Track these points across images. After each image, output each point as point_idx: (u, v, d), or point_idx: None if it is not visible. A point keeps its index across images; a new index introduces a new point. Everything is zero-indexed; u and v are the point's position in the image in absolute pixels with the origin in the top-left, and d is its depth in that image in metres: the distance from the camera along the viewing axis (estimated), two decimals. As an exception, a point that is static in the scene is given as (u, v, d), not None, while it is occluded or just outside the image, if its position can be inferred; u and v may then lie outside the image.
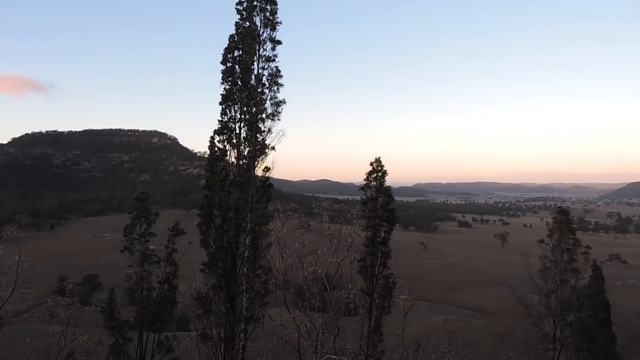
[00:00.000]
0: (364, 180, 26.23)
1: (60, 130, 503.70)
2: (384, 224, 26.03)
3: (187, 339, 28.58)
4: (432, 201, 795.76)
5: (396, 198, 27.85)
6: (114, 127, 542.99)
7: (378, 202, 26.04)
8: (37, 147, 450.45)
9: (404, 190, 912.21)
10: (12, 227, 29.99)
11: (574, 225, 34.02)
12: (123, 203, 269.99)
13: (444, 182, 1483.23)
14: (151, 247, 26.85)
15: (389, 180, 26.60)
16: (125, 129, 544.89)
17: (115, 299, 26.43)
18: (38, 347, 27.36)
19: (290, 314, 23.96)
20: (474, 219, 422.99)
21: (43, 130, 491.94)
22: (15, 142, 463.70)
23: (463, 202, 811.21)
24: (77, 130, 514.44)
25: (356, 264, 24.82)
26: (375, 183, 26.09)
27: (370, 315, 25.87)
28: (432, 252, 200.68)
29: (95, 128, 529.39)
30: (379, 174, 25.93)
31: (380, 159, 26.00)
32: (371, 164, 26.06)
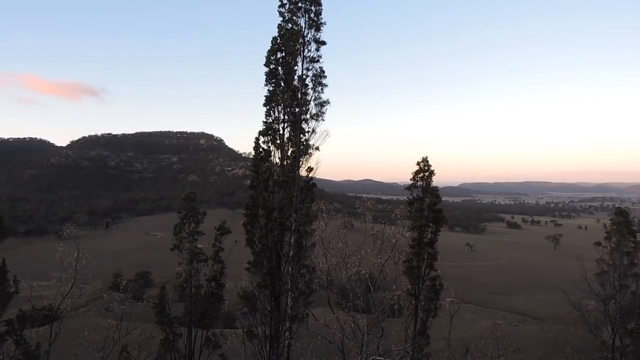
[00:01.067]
0: (410, 180, 25.82)
1: (114, 133, 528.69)
2: (431, 224, 25.53)
3: (234, 335, 29.17)
4: (479, 201, 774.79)
5: (442, 198, 27.23)
6: (163, 130, 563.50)
7: (424, 203, 25.57)
8: (93, 149, 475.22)
9: (450, 190, 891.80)
10: (72, 225, 31.76)
11: (634, 227, 32.01)
12: (172, 203, 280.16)
13: (491, 181, 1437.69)
14: (199, 245, 27.57)
15: (435, 180, 26.08)
16: (174, 131, 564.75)
17: (166, 296, 27.32)
18: (94, 340, 28.72)
19: (334, 314, 23.94)
20: (523, 220, 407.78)
21: (98, 133, 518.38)
22: (73, 144, 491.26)
23: (512, 202, 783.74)
24: (130, 132, 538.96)
25: (401, 265, 24.49)
26: (421, 183, 25.64)
27: (416, 317, 25.45)
28: (479, 254, 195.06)
29: (146, 130, 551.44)
30: (426, 173, 25.45)
31: (428, 159, 25.52)
32: (418, 163, 25.62)
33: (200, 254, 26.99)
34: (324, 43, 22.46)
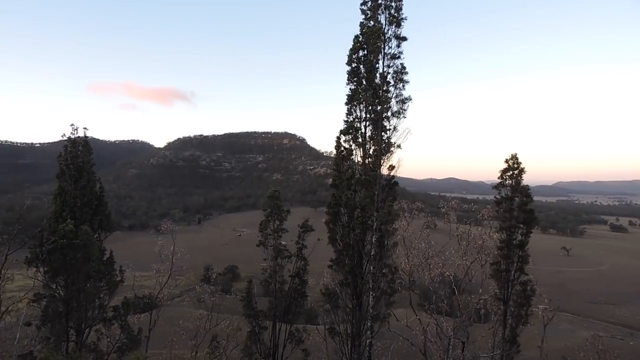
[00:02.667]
0: (498, 178, 24.48)
1: (205, 134, 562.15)
2: (521, 225, 24.01)
3: (316, 332, 29.70)
4: (576, 202, 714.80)
5: (534, 198, 25.43)
6: (249, 130, 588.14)
7: (514, 202, 24.11)
8: (186, 149, 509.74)
9: (543, 189, 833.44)
10: (168, 221, 34.40)
11: None
12: (258, 201, 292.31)
13: (591, 180, 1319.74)
14: (283, 242, 28.40)
15: (526, 179, 24.47)
16: (260, 131, 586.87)
17: (253, 290, 28.47)
18: (188, 329, 30.79)
19: (416, 315, 23.42)
20: (631, 223, 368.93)
21: (191, 135, 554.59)
22: (169, 146, 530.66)
23: (617, 203, 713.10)
24: (219, 133, 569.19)
25: (488, 267, 23.34)
26: (510, 181, 24.19)
27: (505, 324, 24.08)
28: (577, 258, 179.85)
29: (234, 131, 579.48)
30: (515, 171, 23.96)
31: (517, 155, 24.05)
32: (506, 161, 24.21)
33: (285, 250, 27.75)
34: (404, 39, 22.05)
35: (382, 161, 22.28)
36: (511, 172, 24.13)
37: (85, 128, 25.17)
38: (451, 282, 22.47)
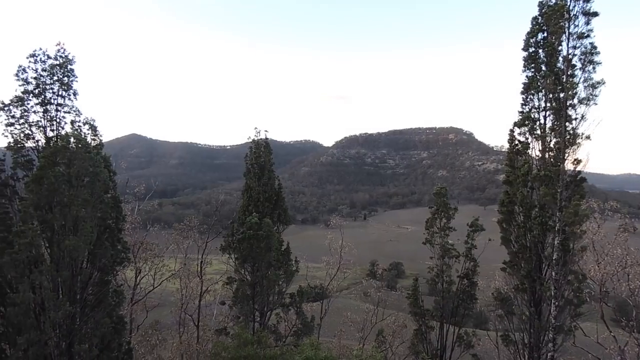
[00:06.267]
0: None
1: (369, 132, 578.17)
2: None
3: (486, 337, 28.12)
4: None
5: None
6: (413, 127, 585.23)
7: None
8: (352, 148, 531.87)
9: None
10: (336, 216, 36.40)
11: None
12: (422, 197, 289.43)
13: None
14: (450, 241, 27.54)
15: None
16: (424, 127, 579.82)
17: (418, 288, 28.28)
18: (355, 321, 32.10)
19: (610, 331, 20.74)
20: None
21: (357, 133, 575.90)
22: (336, 144, 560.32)
23: None
24: (383, 131, 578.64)
25: None
26: None
27: None
28: None
29: (398, 128, 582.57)
30: None
31: None
32: None
33: (452, 249, 26.92)
34: (595, 14, 19.22)
35: (565, 155, 19.90)
36: None
37: (266, 131, 28.01)
38: (658, 297, 19.24)
